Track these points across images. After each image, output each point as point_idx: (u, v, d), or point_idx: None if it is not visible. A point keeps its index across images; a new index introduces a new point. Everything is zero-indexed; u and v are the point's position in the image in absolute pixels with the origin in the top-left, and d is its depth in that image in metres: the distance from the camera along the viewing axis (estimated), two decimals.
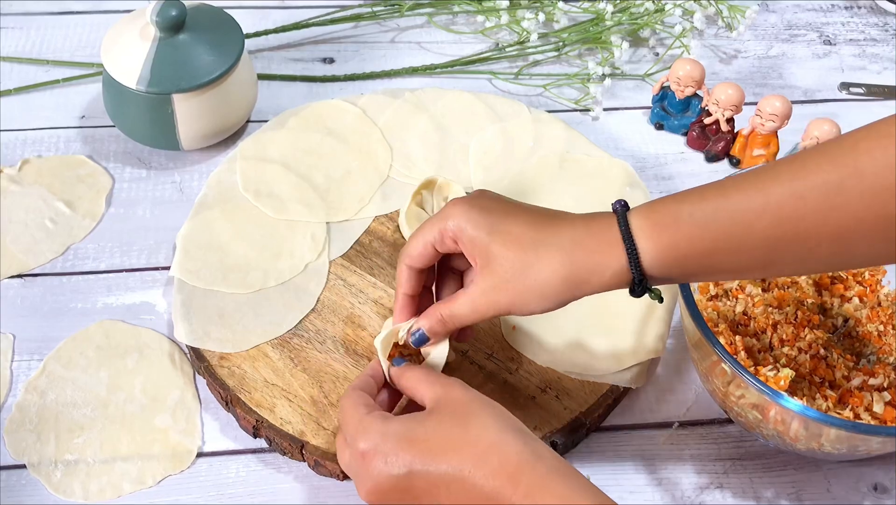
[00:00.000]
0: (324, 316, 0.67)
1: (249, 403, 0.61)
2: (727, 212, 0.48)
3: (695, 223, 0.49)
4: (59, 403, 0.63)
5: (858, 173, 0.46)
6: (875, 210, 0.46)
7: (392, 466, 0.48)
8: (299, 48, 0.90)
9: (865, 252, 0.48)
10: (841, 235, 0.47)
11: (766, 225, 0.48)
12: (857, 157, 0.46)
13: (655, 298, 0.51)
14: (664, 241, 0.49)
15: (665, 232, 0.49)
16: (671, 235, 0.49)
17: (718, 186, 0.50)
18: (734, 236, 0.48)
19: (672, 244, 0.49)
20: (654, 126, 0.85)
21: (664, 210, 0.50)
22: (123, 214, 0.75)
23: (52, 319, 0.68)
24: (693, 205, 0.49)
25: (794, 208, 0.47)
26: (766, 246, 0.48)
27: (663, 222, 0.49)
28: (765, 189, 0.48)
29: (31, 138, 0.80)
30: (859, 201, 0.46)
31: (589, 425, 0.62)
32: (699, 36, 0.94)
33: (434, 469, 0.47)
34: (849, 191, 0.46)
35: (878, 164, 0.46)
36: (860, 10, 0.99)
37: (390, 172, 0.77)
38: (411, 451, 0.48)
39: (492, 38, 0.92)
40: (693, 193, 0.50)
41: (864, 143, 0.46)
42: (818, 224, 0.47)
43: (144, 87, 0.73)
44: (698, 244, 0.49)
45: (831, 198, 0.46)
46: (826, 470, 0.62)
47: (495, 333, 0.66)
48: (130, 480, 0.59)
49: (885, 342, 0.64)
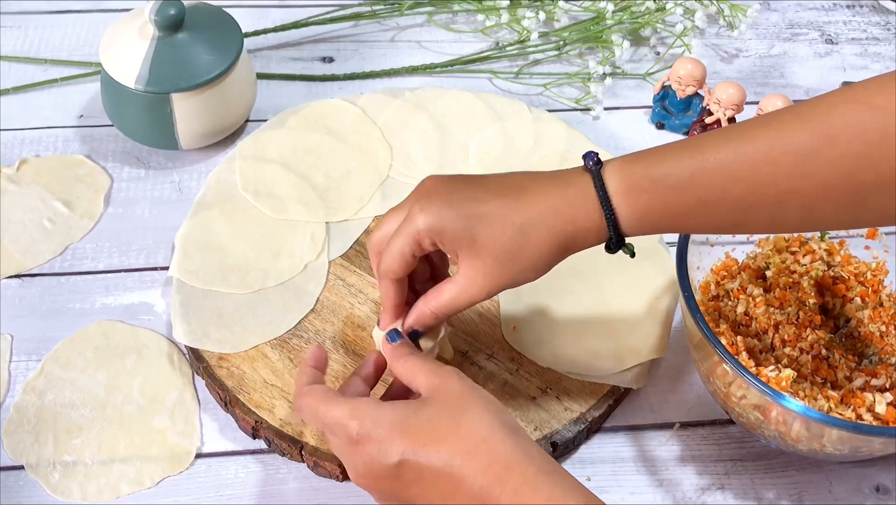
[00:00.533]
0: (323, 316, 0.67)
1: (248, 403, 0.61)
2: (702, 177, 0.49)
3: (670, 187, 0.49)
4: (57, 403, 0.62)
5: (831, 140, 0.47)
6: (844, 177, 0.47)
7: (384, 454, 0.48)
8: (298, 47, 0.90)
9: (831, 217, 0.49)
10: (809, 202, 0.48)
11: (741, 189, 0.49)
12: (831, 122, 0.47)
13: (628, 252, 0.53)
14: (640, 204, 0.50)
15: (641, 196, 0.50)
16: (647, 200, 0.50)
17: (694, 145, 0.50)
18: (709, 201, 0.49)
19: (647, 208, 0.50)
20: (655, 125, 0.85)
21: (639, 172, 0.50)
22: (122, 214, 0.74)
23: (50, 320, 0.67)
24: (669, 166, 0.50)
25: (768, 173, 0.48)
26: (738, 209, 0.49)
27: (640, 185, 0.50)
28: (740, 150, 0.48)
29: (29, 138, 0.80)
30: (830, 168, 0.47)
31: (590, 426, 0.62)
32: (700, 35, 0.94)
33: (424, 460, 0.47)
34: (821, 157, 0.47)
35: (850, 132, 0.46)
36: (862, 9, 0.99)
37: (390, 172, 0.77)
38: (404, 439, 0.47)
39: (492, 37, 0.92)
40: (668, 152, 0.50)
41: (839, 108, 0.47)
42: (789, 190, 0.48)
43: (143, 87, 0.72)
44: (673, 208, 0.50)
45: (804, 164, 0.47)
46: (828, 471, 0.62)
47: (496, 334, 0.66)
48: (129, 482, 0.59)
49: (887, 343, 0.64)
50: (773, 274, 0.66)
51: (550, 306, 0.67)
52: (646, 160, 0.51)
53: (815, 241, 0.68)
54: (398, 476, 0.48)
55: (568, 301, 0.68)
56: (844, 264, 0.67)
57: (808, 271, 0.66)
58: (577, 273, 0.68)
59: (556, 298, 0.68)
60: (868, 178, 0.46)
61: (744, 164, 0.48)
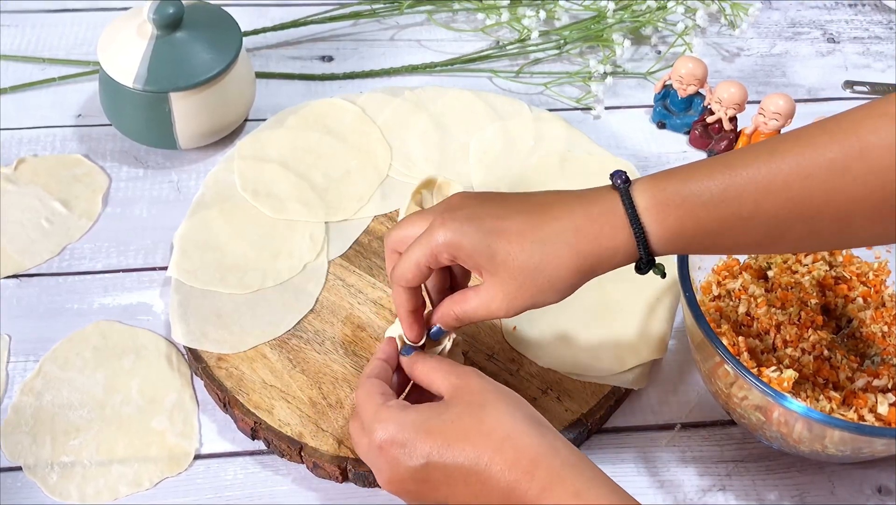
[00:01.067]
0: (323, 317, 0.66)
1: (247, 404, 0.61)
2: (735, 191, 0.48)
3: (702, 204, 0.48)
4: (55, 404, 0.62)
5: (862, 153, 0.46)
6: (876, 190, 0.46)
7: (410, 457, 0.48)
8: (298, 46, 0.90)
9: (864, 232, 0.49)
10: (843, 215, 0.47)
11: (773, 205, 0.48)
12: (860, 136, 0.46)
13: (659, 273, 0.51)
14: (670, 221, 0.49)
15: (672, 213, 0.49)
16: (678, 216, 0.49)
17: (725, 162, 0.49)
18: (742, 216, 0.48)
19: (679, 225, 0.49)
20: (656, 125, 0.84)
21: (670, 188, 0.49)
22: (120, 214, 0.74)
23: (48, 320, 0.67)
24: (700, 183, 0.49)
25: (801, 188, 0.47)
26: (771, 225, 0.48)
27: (670, 202, 0.49)
28: (772, 166, 0.48)
29: (27, 137, 0.79)
30: (862, 181, 0.46)
31: (590, 427, 0.62)
32: (702, 34, 0.94)
33: (451, 460, 0.47)
34: (853, 171, 0.46)
35: (881, 145, 0.46)
36: (864, 8, 0.99)
37: (390, 172, 0.76)
38: (428, 441, 0.48)
39: (492, 35, 0.92)
40: (699, 169, 0.49)
41: (867, 122, 0.47)
42: (823, 204, 0.47)
43: (141, 86, 0.72)
44: (705, 224, 0.49)
45: (836, 178, 0.47)
46: (830, 472, 0.62)
47: (496, 335, 0.66)
48: (127, 483, 0.59)
49: (889, 343, 0.63)
50: (775, 274, 0.66)
51: (551, 307, 0.67)
52: (675, 177, 0.49)
53: None
54: (426, 479, 0.48)
55: (568, 301, 0.67)
56: (846, 264, 0.67)
57: (810, 271, 0.66)
58: None
59: None
60: None
61: (776, 178, 0.47)
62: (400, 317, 0.55)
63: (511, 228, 0.50)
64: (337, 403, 0.61)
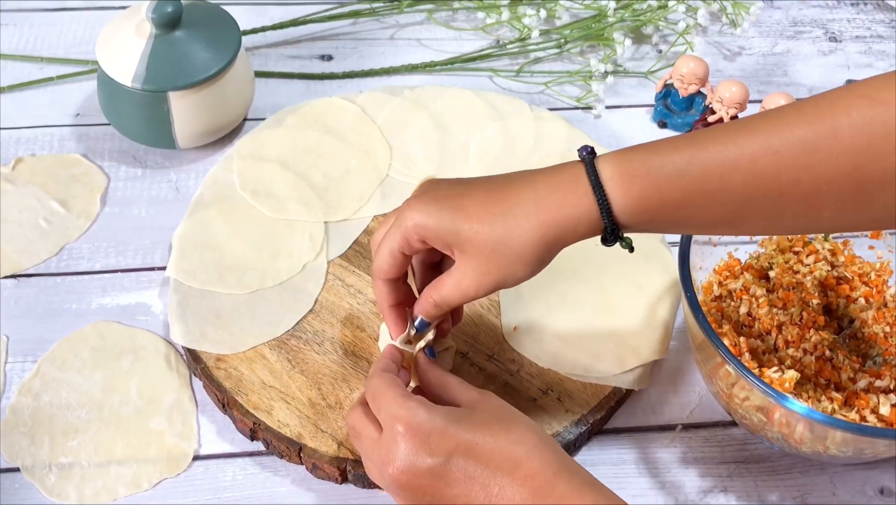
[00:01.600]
0: (322, 317, 0.66)
1: (246, 405, 0.61)
2: (701, 164, 0.48)
3: (667, 174, 0.48)
4: (53, 405, 0.62)
5: (834, 133, 0.46)
6: (847, 172, 0.46)
7: (434, 449, 0.48)
8: (297, 45, 0.90)
9: (832, 216, 0.48)
10: (811, 196, 0.47)
11: (740, 179, 0.47)
12: (834, 115, 0.46)
13: (626, 247, 0.51)
14: (635, 190, 0.48)
15: (636, 182, 0.48)
16: (643, 185, 0.48)
17: (692, 138, 0.49)
18: (707, 190, 0.48)
19: (643, 194, 0.49)
20: (657, 124, 0.84)
21: (636, 159, 0.49)
22: (119, 214, 0.74)
23: (46, 320, 0.67)
24: (666, 155, 0.48)
25: (768, 164, 0.47)
26: (737, 201, 0.48)
27: (635, 172, 0.48)
28: (740, 142, 0.47)
29: (25, 137, 0.79)
30: (833, 162, 0.46)
31: (591, 428, 0.62)
32: (703, 33, 0.93)
33: (474, 462, 0.47)
34: (824, 150, 0.46)
35: (854, 125, 0.46)
36: (866, 7, 0.98)
37: (389, 171, 0.76)
38: (456, 438, 0.48)
39: (492, 34, 0.91)
40: (666, 144, 0.49)
41: (842, 102, 0.46)
42: (790, 182, 0.47)
43: (140, 85, 0.72)
44: (670, 195, 0.48)
45: (805, 156, 0.46)
46: (831, 473, 0.62)
47: (496, 335, 0.65)
48: (125, 484, 0.59)
49: (891, 344, 0.63)
50: (777, 274, 0.66)
51: (551, 307, 0.67)
52: (642, 150, 0.50)
53: (819, 241, 0.67)
54: (443, 475, 0.48)
55: (569, 302, 0.67)
56: (848, 264, 0.67)
57: (812, 271, 0.66)
58: (578, 274, 0.68)
59: (557, 298, 0.67)
60: (871, 173, 0.46)
61: (743, 153, 0.47)
62: (382, 312, 0.55)
63: (473, 205, 0.50)
64: (336, 403, 0.61)
